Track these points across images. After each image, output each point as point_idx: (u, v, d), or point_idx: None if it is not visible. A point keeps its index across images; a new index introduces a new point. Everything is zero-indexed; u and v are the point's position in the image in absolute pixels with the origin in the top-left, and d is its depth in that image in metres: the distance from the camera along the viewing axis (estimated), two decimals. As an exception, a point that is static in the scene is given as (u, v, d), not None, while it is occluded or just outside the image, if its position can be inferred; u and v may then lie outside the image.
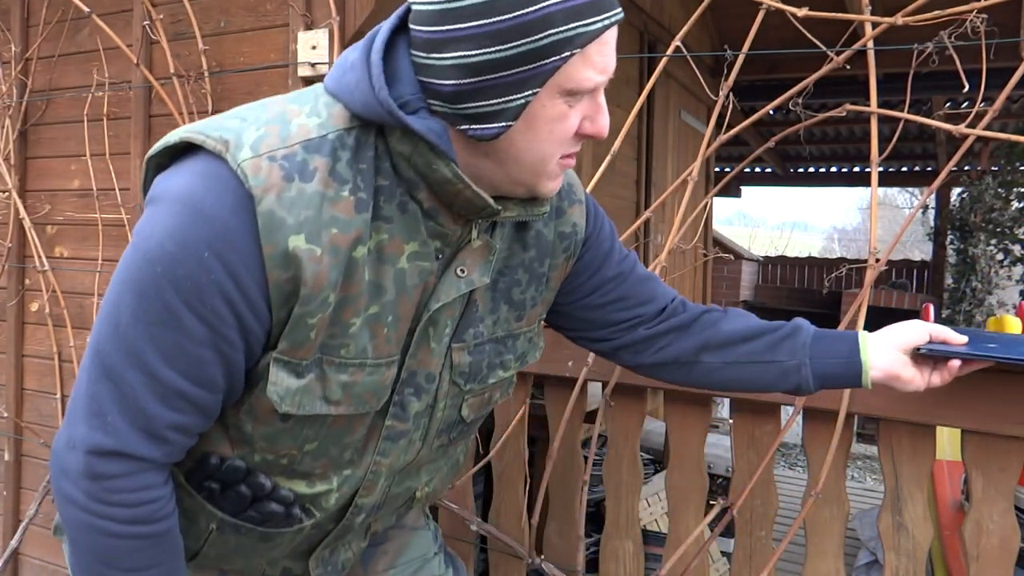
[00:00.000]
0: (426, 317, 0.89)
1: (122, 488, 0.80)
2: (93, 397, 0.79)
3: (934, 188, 1.39)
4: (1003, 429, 1.25)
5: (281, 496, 0.93)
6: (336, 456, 0.93)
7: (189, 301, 0.76)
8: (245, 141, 0.77)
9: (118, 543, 0.81)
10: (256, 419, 0.86)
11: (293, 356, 0.82)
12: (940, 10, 1.23)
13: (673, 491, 1.53)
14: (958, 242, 7.59)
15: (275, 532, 0.95)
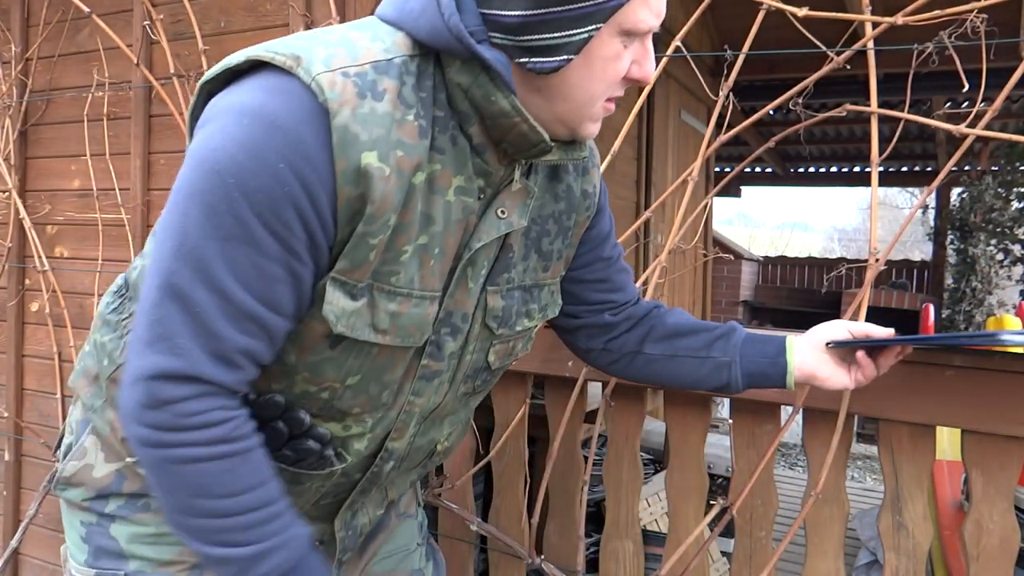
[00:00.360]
0: (467, 256, 0.90)
1: (193, 411, 0.76)
2: (158, 321, 0.75)
3: (934, 188, 1.39)
4: (1003, 429, 1.25)
5: (318, 433, 0.92)
6: (375, 395, 0.92)
7: (262, 215, 0.74)
8: (317, 57, 0.76)
9: (204, 467, 0.77)
10: (302, 348, 0.85)
11: (350, 277, 0.81)
12: (940, 10, 1.23)
13: (673, 491, 1.53)
14: (958, 242, 7.59)
15: (306, 474, 0.94)
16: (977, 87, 1.19)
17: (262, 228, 0.74)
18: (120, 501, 0.98)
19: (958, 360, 1.26)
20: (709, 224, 5.98)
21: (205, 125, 0.76)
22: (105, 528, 0.98)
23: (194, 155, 0.75)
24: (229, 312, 0.76)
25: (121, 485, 0.98)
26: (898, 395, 1.32)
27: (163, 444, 0.76)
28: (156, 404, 0.76)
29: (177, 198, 0.75)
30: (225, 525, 0.79)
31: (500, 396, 1.69)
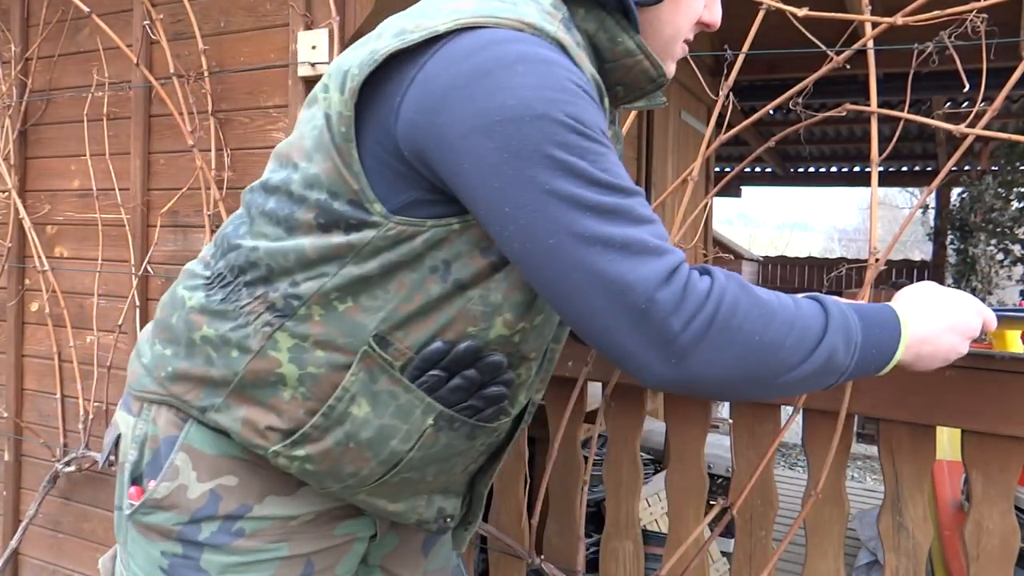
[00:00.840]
0: None
1: (698, 281, 0.77)
2: (615, 245, 0.74)
3: (934, 188, 1.39)
4: (1003, 429, 1.25)
5: (507, 378, 0.93)
6: (545, 337, 0.95)
7: (594, 128, 0.76)
8: (515, 14, 0.80)
9: (769, 311, 0.78)
10: (511, 285, 0.86)
11: None
12: (940, 10, 1.23)
13: (673, 491, 1.53)
14: (958, 242, 7.60)
15: (481, 428, 0.95)
16: (977, 87, 1.19)
17: (599, 136, 0.76)
18: (214, 526, 0.93)
19: (958, 360, 1.26)
20: (709, 224, 5.98)
21: (467, 88, 0.74)
22: (194, 560, 0.93)
23: (489, 122, 0.73)
24: (640, 202, 0.79)
25: (216, 507, 0.93)
26: (898, 395, 1.32)
27: (723, 322, 0.75)
28: (681, 290, 0.75)
29: (519, 169, 0.73)
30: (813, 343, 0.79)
31: (500, 396, 1.69)
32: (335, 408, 0.88)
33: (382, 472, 0.93)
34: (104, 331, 2.24)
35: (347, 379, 0.87)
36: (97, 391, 2.25)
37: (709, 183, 5.48)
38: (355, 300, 0.86)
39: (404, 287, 0.85)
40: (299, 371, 0.88)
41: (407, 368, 0.88)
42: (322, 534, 0.99)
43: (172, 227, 2.11)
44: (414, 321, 0.86)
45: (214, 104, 2.00)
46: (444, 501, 1.04)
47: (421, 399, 0.89)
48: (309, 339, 0.88)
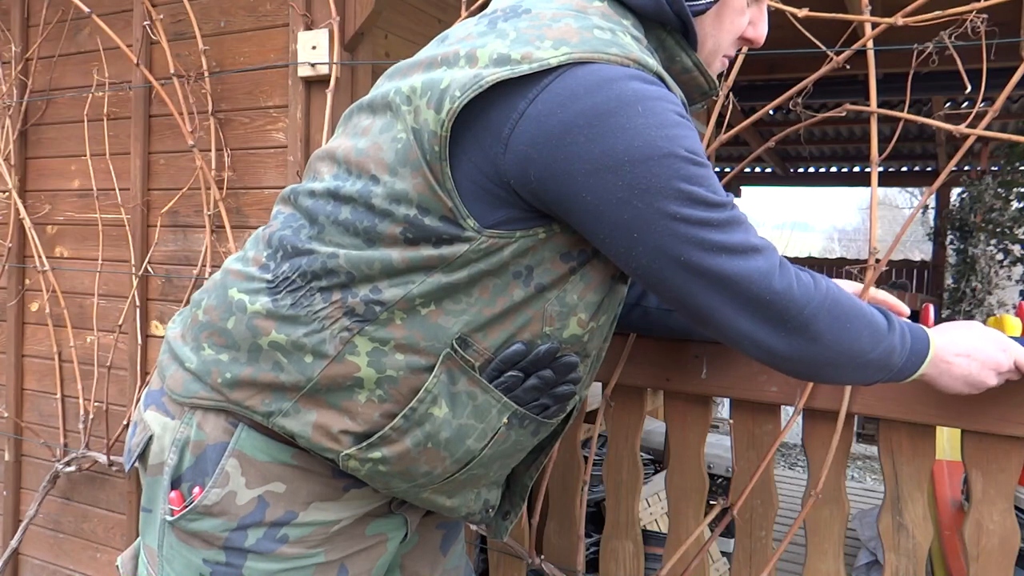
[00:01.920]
0: None
1: (806, 278, 0.89)
2: (735, 251, 0.84)
3: (935, 188, 1.38)
4: (1003, 429, 1.25)
5: (576, 376, 0.97)
6: (607, 334, 1.00)
7: (701, 154, 0.83)
8: (623, 47, 0.85)
9: (855, 302, 0.91)
10: (588, 286, 0.91)
11: None
12: (940, 10, 1.23)
13: (673, 491, 1.53)
14: (958, 242, 7.60)
15: (545, 424, 0.99)
16: (977, 87, 1.19)
17: (705, 160, 0.84)
18: (260, 532, 0.93)
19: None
20: (709, 224, 5.97)
21: (585, 128, 0.80)
22: (237, 568, 0.93)
23: (623, 160, 0.80)
24: (738, 209, 0.87)
25: (263, 513, 0.93)
26: (898, 395, 1.32)
27: (825, 302, 0.88)
28: (794, 278, 0.87)
29: (645, 198, 0.81)
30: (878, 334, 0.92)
31: (500, 396, 1.69)
32: (416, 410, 0.90)
33: (455, 471, 0.95)
34: (104, 331, 2.24)
35: (429, 381, 0.89)
36: (97, 391, 2.25)
37: (709, 183, 5.47)
38: (439, 305, 0.88)
39: (488, 292, 0.88)
40: (377, 374, 0.89)
41: (486, 369, 0.91)
42: (355, 537, 1.00)
43: (172, 227, 2.11)
44: (495, 323, 0.89)
45: (214, 104, 2.00)
46: (488, 493, 1.07)
47: (498, 399, 0.92)
48: (390, 343, 0.89)
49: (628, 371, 1.51)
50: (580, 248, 0.89)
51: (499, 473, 1.04)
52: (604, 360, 1.51)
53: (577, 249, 0.89)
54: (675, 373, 1.48)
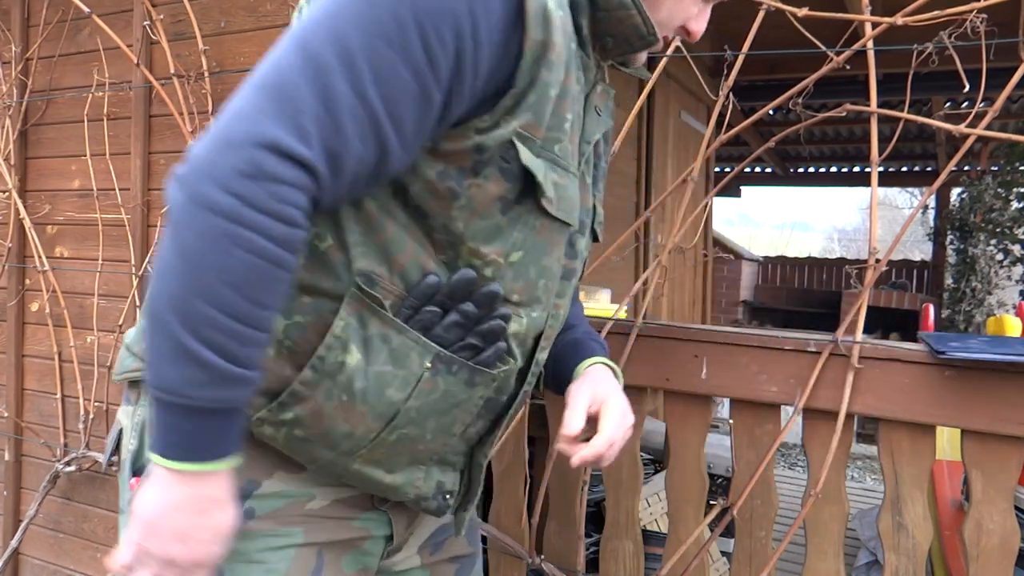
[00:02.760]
0: (586, 150, 0.92)
1: (287, 198, 0.69)
2: (289, 94, 0.69)
3: (935, 188, 1.39)
4: (1003, 429, 1.25)
5: (504, 312, 0.88)
6: (532, 280, 0.89)
7: (421, 22, 0.71)
8: None
9: (256, 263, 0.69)
10: (473, 212, 0.81)
11: (533, 134, 0.81)
12: (940, 10, 1.23)
13: (673, 491, 1.53)
14: (958, 242, 7.60)
15: (480, 373, 0.89)
16: (977, 87, 1.19)
17: (416, 35, 0.71)
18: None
19: (958, 360, 1.26)
20: (709, 224, 5.98)
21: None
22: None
23: None
24: (358, 115, 0.71)
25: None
26: (898, 395, 1.32)
27: (238, 220, 0.67)
28: (257, 176, 0.68)
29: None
30: (232, 329, 0.70)
31: (500, 396, 1.69)
32: (325, 359, 0.82)
33: (378, 428, 0.86)
34: (104, 331, 2.24)
35: (336, 325, 0.81)
36: (97, 391, 2.25)
37: (709, 183, 5.48)
38: (335, 237, 0.81)
39: (374, 216, 0.81)
40: (285, 321, 0.82)
41: (398, 307, 0.83)
42: (341, 525, 0.93)
43: (172, 227, 2.11)
44: (394, 254, 0.82)
45: (214, 104, 2.00)
46: (442, 475, 0.98)
47: (416, 340, 0.83)
48: (295, 285, 0.82)
49: (628, 371, 1.51)
50: (457, 165, 0.80)
51: (442, 441, 0.93)
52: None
53: (455, 167, 0.80)
54: (675, 373, 1.48)
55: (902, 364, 1.31)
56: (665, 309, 4.98)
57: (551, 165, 0.84)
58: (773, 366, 1.40)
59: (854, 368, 1.32)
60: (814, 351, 1.37)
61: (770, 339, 1.41)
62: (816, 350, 1.37)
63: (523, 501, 1.68)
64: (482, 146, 0.79)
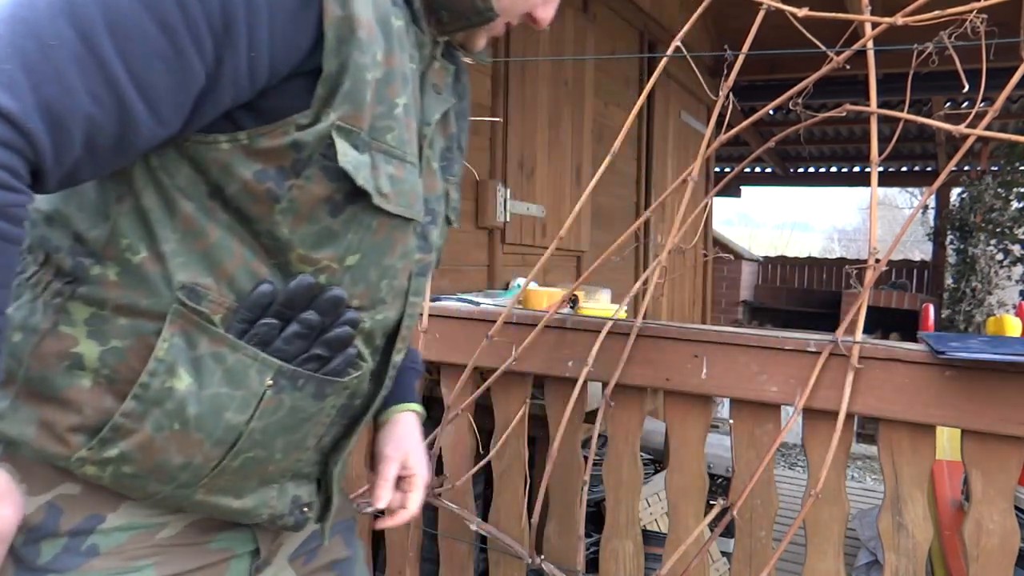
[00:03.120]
0: (427, 132, 0.86)
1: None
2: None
3: (935, 188, 1.39)
4: (1003, 429, 1.25)
5: (351, 318, 0.80)
6: (374, 283, 0.82)
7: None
8: None
9: None
10: (298, 216, 0.73)
11: (354, 124, 0.73)
12: (940, 10, 1.23)
13: (673, 491, 1.53)
14: (958, 242, 7.60)
15: (331, 383, 0.81)
16: (977, 87, 1.19)
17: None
18: (57, 546, 0.76)
19: (958, 360, 1.26)
20: (709, 224, 5.98)
21: None
22: None
23: None
24: (87, 67, 0.61)
25: (57, 522, 0.76)
26: (898, 395, 1.32)
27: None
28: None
29: None
30: None
31: (500, 396, 1.69)
32: (149, 386, 0.73)
33: (219, 456, 0.77)
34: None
35: (159, 348, 0.73)
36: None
37: (709, 183, 5.48)
38: (150, 247, 0.73)
39: (193, 221, 0.73)
40: (100, 347, 0.73)
41: (230, 322, 0.75)
42: (196, 551, 0.84)
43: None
44: (219, 262, 0.74)
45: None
46: (297, 488, 0.89)
47: (254, 356, 0.75)
48: (108, 305, 0.73)
49: (628, 371, 1.51)
50: (276, 164, 0.72)
51: (295, 457, 0.85)
52: (604, 360, 1.52)
53: (274, 166, 0.72)
54: (675, 373, 1.48)
55: (902, 364, 1.31)
56: (665, 309, 4.98)
57: (385, 156, 0.77)
58: (773, 366, 1.40)
59: (854, 368, 1.32)
60: (814, 351, 1.37)
61: (770, 339, 1.41)
62: (816, 350, 1.37)
63: (523, 501, 1.68)
64: (300, 143, 0.71)
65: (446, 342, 1.69)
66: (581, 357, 1.55)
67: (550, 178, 3.47)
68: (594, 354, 1.51)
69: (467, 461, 1.74)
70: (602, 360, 1.53)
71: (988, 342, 1.34)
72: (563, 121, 3.54)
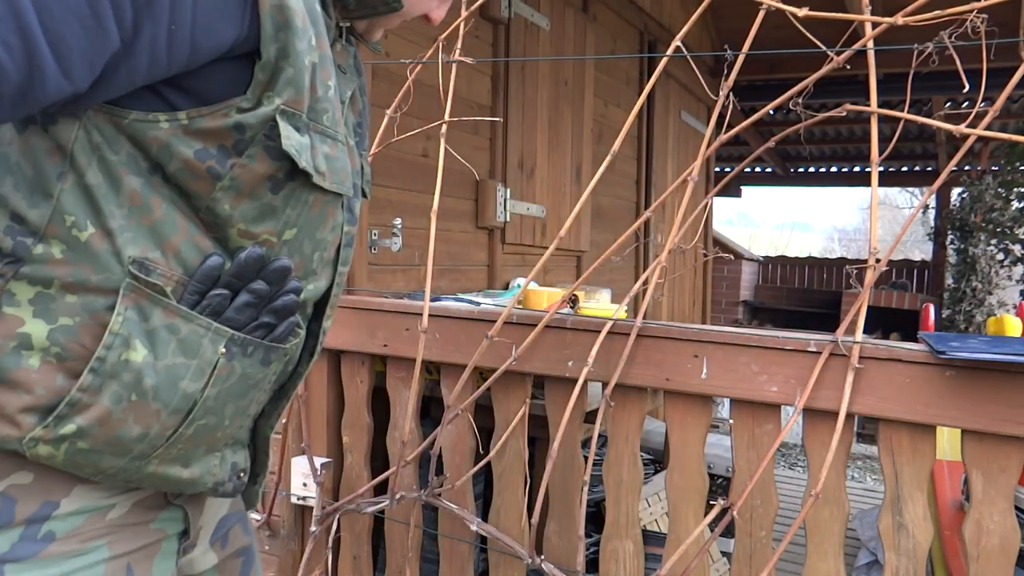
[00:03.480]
0: (344, 110, 0.91)
1: None
2: None
3: (935, 188, 1.39)
4: (1003, 429, 1.25)
5: (295, 286, 0.85)
6: (308, 255, 0.87)
7: None
8: None
9: None
10: (240, 194, 0.77)
11: (296, 107, 0.77)
12: (940, 10, 1.23)
13: (673, 491, 1.53)
14: (958, 242, 7.61)
15: (276, 350, 0.86)
16: (977, 87, 1.19)
17: None
18: (14, 535, 0.76)
19: (958, 360, 1.26)
20: (709, 224, 5.98)
21: None
22: None
23: None
24: (1, 10, 0.61)
25: (12, 511, 0.76)
26: (898, 395, 1.32)
27: None
28: None
29: None
30: None
31: (500, 396, 1.69)
32: (106, 359, 0.74)
33: (175, 424, 0.80)
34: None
35: (114, 322, 0.74)
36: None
37: (709, 183, 5.48)
38: (96, 223, 0.74)
39: (138, 195, 0.75)
40: (49, 326, 0.74)
41: (182, 294, 0.78)
42: (140, 530, 0.86)
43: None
44: (167, 236, 0.76)
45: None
46: (235, 455, 0.93)
47: (207, 326, 0.78)
48: (54, 284, 0.74)
49: (628, 371, 1.51)
50: (218, 143, 0.75)
51: (239, 423, 0.89)
52: (604, 360, 1.52)
53: (215, 145, 0.75)
54: (675, 373, 1.48)
55: (902, 364, 1.31)
56: (665, 309, 4.98)
57: (321, 137, 0.81)
58: (773, 366, 1.40)
59: (854, 368, 1.33)
60: (814, 351, 1.37)
61: (770, 339, 1.41)
62: (816, 350, 1.37)
63: (523, 501, 1.68)
64: (243, 124, 0.74)
65: (446, 342, 1.69)
66: (581, 357, 1.55)
67: (550, 178, 3.47)
68: (594, 354, 1.51)
69: (467, 461, 1.74)
70: (602, 360, 1.53)
71: (988, 342, 1.34)
72: (563, 121, 3.54)
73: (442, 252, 2.77)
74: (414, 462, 1.77)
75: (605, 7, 3.96)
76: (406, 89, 1.64)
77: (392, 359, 1.81)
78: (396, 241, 2.45)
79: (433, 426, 1.72)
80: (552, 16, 3.37)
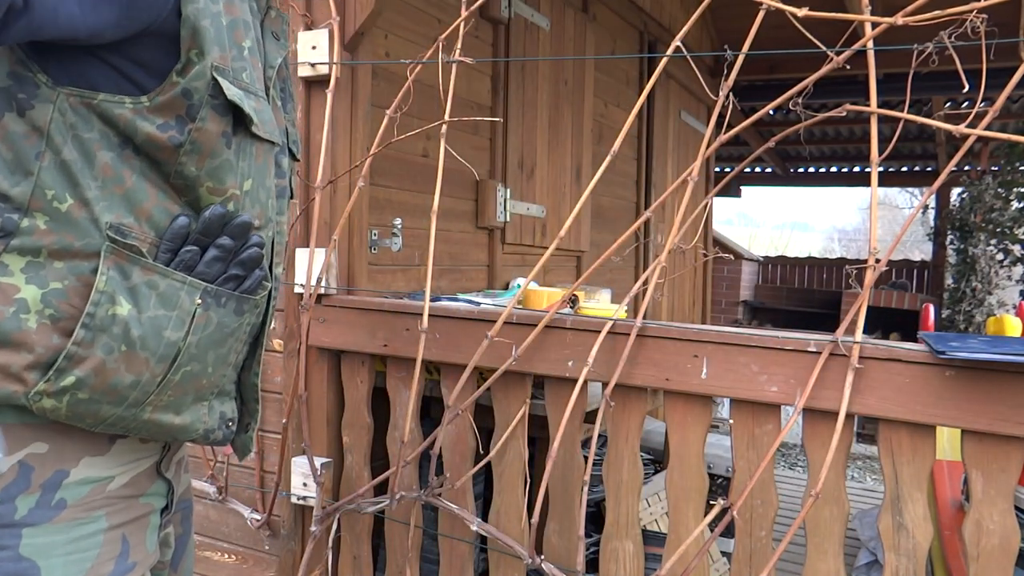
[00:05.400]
0: (271, 75, 0.99)
1: None
2: None
3: (935, 188, 1.38)
4: (1003, 429, 1.25)
5: (258, 240, 0.94)
6: (264, 203, 0.96)
7: None
8: None
9: None
10: (202, 154, 0.86)
11: (223, 64, 0.86)
12: (940, 10, 1.23)
13: (673, 491, 1.53)
14: (958, 242, 7.60)
15: (248, 300, 0.95)
16: (977, 87, 1.19)
17: None
18: (32, 500, 0.84)
19: (958, 360, 1.27)
20: (709, 224, 5.98)
21: None
22: (12, 549, 0.83)
23: None
24: None
25: (29, 478, 0.84)
26: (898, 395, 1.32)
27: None
28: None
29: None
30: None
31: (500, 396, 1.69)
32: (95, 315, 0.83)
33: (163, 371, 0.88)
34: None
35: (99, 281, 0.83)
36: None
37: (709, 183, 5.48)
38: (74, 195, 0.83)
39: (109, 168, 0.84)
40: (41, 290, 0.83)
41: (156, 253, 0.87)
42: (132, 504, 0.94)
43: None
44: (138, 202, 0.86)
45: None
46: (222, 405, 1.01)
47: (182, 280, 0.88)
48: (42, 252, 0.83)
49: (628, 371, 1.51)
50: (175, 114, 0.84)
51: (221, 372, 0.97)
52: (604, 360, 1.52)
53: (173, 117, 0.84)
54: (675, 373, 1.48)
55: (902, 364, 1.31)
56: (665, 309, 4.98)
57: (245, 92, 0.89)
58: (773, 366, 1.40)
59: (854, 368, 1.33)
60: (814, 351, 1.37)
61: (770, 339, 1.41)
62: (816, 350, 1.37)
63: (523, 501, 1.68)
64: (188, 90, 0.83)
65: (446, 342, 1.69)
66: (581, 357, 1.55)
67: (550, 178, 3.47)
68: (594, 354, 1.51)
69: (467, 461, 1.74)
70: (602, 360, 1.53)
71: (988, 342, 1.34)
72: (563, 121, 3.54)
73: (442, 252, 2.77)
74: (414, 462, 1.77)
75: (605, 7, 3.96)
76: (406, 89, 1.64)
77: (392, 359, 1.81)
78: (396, 241, 2.45)
79: (433, 426, 1.72)
80: (552, 16, 3.37)
